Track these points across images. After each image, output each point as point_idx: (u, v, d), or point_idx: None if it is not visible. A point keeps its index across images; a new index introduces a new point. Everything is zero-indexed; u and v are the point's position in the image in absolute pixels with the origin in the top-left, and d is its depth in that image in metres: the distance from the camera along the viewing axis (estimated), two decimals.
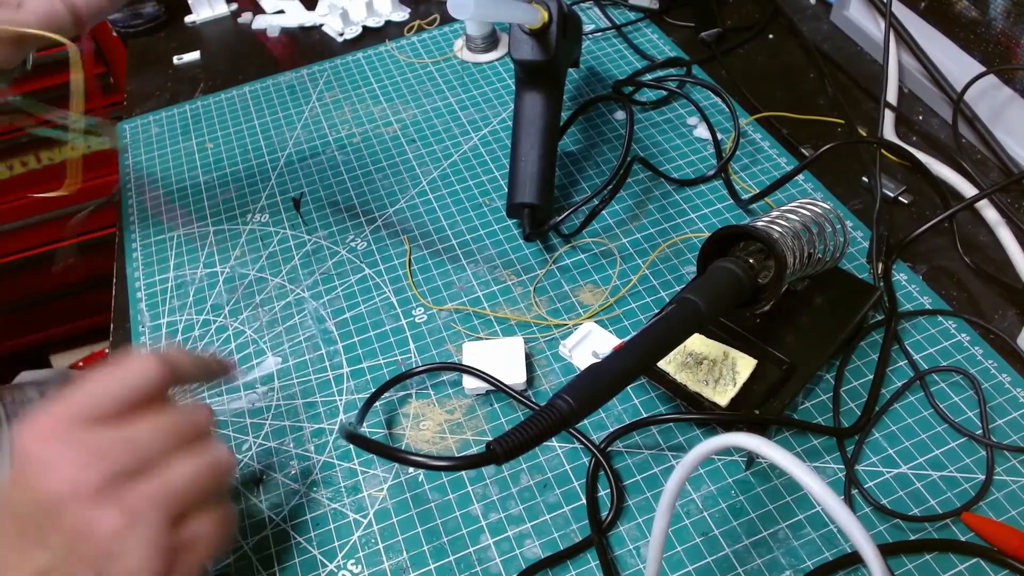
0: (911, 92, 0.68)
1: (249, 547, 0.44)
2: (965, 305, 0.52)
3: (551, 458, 0.46)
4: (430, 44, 0.78)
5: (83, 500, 0.32)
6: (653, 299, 0.54)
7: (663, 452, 0.46)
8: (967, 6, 0.61)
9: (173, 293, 0.58)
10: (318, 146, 0.68)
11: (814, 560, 0.41)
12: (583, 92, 0.71)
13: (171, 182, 0.67)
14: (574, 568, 0.42)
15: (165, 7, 0.86)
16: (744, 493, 0.44)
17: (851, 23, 0.74)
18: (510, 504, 0.44)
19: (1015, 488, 0.43)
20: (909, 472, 0.44)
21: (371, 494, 0.45)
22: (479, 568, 0.42)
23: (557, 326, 0.53)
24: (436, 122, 0.69)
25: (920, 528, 0.42)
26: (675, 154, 0.64)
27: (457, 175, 0.64)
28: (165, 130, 0.72)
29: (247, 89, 0.75)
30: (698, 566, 0.41)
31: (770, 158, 0.63)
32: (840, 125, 0.65)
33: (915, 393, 0.47)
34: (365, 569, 0.42)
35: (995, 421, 0.45)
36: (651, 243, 0.57)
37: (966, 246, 0.55)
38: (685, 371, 0.46)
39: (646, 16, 0.78)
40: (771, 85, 0.70)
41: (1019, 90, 0.59)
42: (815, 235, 0.46)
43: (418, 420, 0.49)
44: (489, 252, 0.58)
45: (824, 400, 0.47)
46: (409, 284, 0.56)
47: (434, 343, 0.53)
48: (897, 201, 0.59)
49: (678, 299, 0.40)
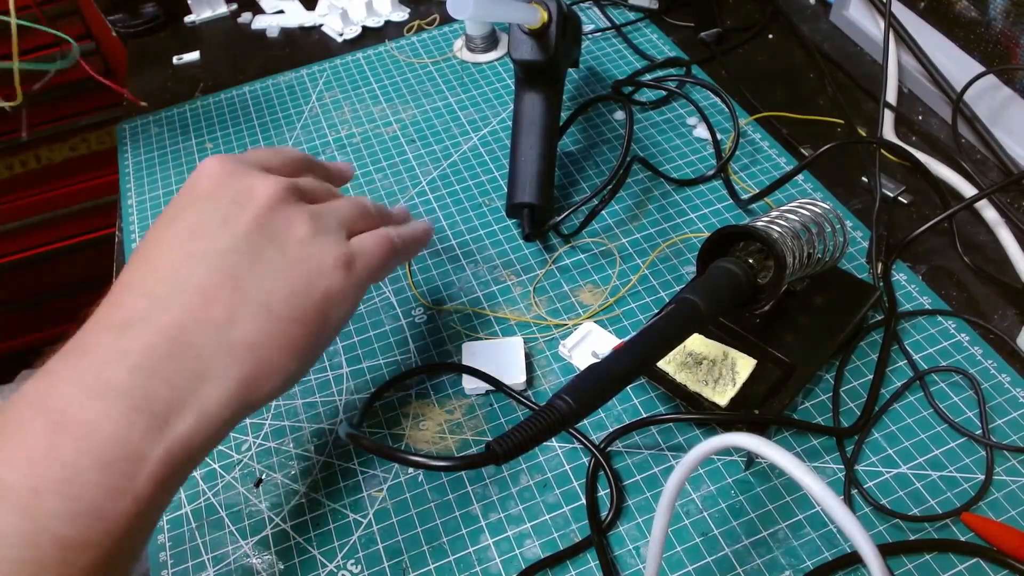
0: (911, 92, 0.68)
1: (249, 547, 0.44)
2: (965, 305, 0.52)
3: (551, 458, 0.46)
4: (430, 44, 0.78)
5: (279, 195, 0.36)
6: (653, 299, 0.54)
7: (663, 452, 0.46)
8: (967, 6, 0.61)
9: None
10: (318, 146, 0.68)
11: (814, 560, 0.41)
12: (583, 92, 0.71)
13: (171, 182, 0.67)
14: (574, 568, 0.42)
15: (165, 7, 0.86)
16: (744, 493, 0.44)
17: (851, 23, 0.74)
18: (510, 504, 0.44)
19: (1015, 488, 0.43)
20: (909, 472, 0.44)
21: (371, 494, 0.45)
22: (479, 568, 0.42)
23: (557, 326, 0.53)
24: (436, 122, 0.69)
25: (920, 528, 0.42)
26: (675, 154, 0.64)
27: (457, 175, 0.64)
28: (165, 130, 0.72)
29: (247, 89, 0.75)
30: (698, 566, 0.41)
31: (770, 158, 0.63)
32: (840, 125, 0.65)
33: (915, 393, 0.47)
34: (365, 569, 0.42)
35: (995, 421, 0.45)
36: (651, 243, 0.57)
37: (966, 246, 0.55)
38: (685, 371, 0.46)
39: (646, 16, 0.78)
40: (771, 85, 0.70)
41: (1019, 90, 0.59)
42: (815, 235, 0.46)
43: (418, 420, 0.49)
44: (489, 252, 0.58)
45: (824, 400, 0.47)
46: (409, 284, 0.56)
47: (434, 343, 0.53)
48: (897, 201, 0.59)
49: (678, 299, 0.40)
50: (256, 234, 0.34)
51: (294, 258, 0.35)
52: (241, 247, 0.34)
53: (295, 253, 0.35)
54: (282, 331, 0.33)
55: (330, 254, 0.36)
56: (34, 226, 1.23)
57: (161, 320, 0.31)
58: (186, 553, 0.44)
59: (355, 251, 0.37)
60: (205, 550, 0.44)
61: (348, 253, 0.37)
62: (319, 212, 0.37)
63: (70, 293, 1.31)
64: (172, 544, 0.44)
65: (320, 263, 0.35)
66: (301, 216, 0.36)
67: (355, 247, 0.38)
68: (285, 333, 0.34)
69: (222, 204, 0.35)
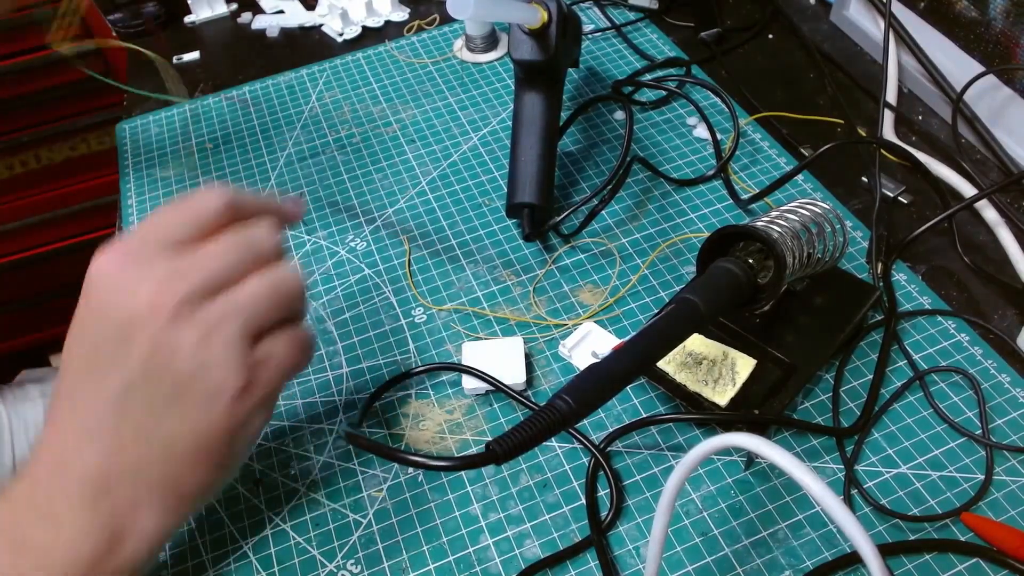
0: (911, 92, 0.68)
1: (249, 547, 0.44)
2: (964, 305, 0.52)
3: (551, 458, 0.46)
4: (430, 44, 0.78)
5: (161, 319, 0.33)
6: (653, 299, 0.54)
7: (663, 452, 0.46)
8: (967, 6, 0.61)
9: None
10: (318, 146, 0.68)
11: (813, 560, 0.41)
12: (583, 92, 0.71)
13: (171, 182, 0.67)
14: (573, 568, 0.42)
15: (165, 7, 0.86)
16: (743, 493, 0.44)
17: (851, 23, 0.74)
18: (510, 504, 0.44)
19: (1015, 488, 0.43)
20: (909, 472, 0.44)
21: (371, 494, 0.45)
22: (479, 568, 0.42)
23: (557, 326, 0.53)
24: (436, 122, 0.69)
25: (920, 528, 0.42)
26: (675, 154, 0.64)
27: (457, 175, 0.64)
28: (165, 130, 0.72)
29: (247, 89, 0.75)
30: (698, 566, 0.41)
31: (770, 158, 0.63)
32: (840, 125, 0.65)
33: (915, 393, 0.47)
34: (365, 569, 0.42)
35: (995, 421, 0.45)
36: (651, 243, 0.57)
37: (965, 246, 0.55)
38: (685, 371, 0.46)
39: (646, 16, 0.78)
40: (771, 85, 0.70)
41: (1019, 90, 0.59)
42: (815, 235, 0.46)
43: (418, 420, 0.49)
44: (489, 252, 0.58)
45: (824, 400, 0.47)
46: (409, 284, 0.56)
47: (434, 343, 0.53)
48: (897, 201, 0.59)
49: (678, 299, 0.40)
50: (145, 374, 0.33)
51: (189, 394, 0.33)
52: (137, 385, 0.33)
53: (189, 387, 0.33)
54: (191, 466, 0.35)
55: (227, 380, 0.34)
56: (34, 226, 1.23)
57: (88, 462, 0.34)
58: (186, 553, 0.44)
59: (260, 360, 0.35)
60: (205, 550, 0.44)
61: (248, 374, 0.34)
62: (216, 325, 0.33)
63: (70, 293, 1.30)
64: (172, 544, 0.44)
65: (217, 393, 0.34)
66: (191, 340, 0.33)
67: (261, 355, 0.35)
68: (195, 465, 0.35)
69: (109, 332, 0.34)
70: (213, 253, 0.35)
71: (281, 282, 0.36)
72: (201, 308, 0.33)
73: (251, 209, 0.38)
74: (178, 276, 0.34)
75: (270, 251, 0.37)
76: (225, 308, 0.34)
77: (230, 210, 0.36)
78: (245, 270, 0.35)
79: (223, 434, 0.34)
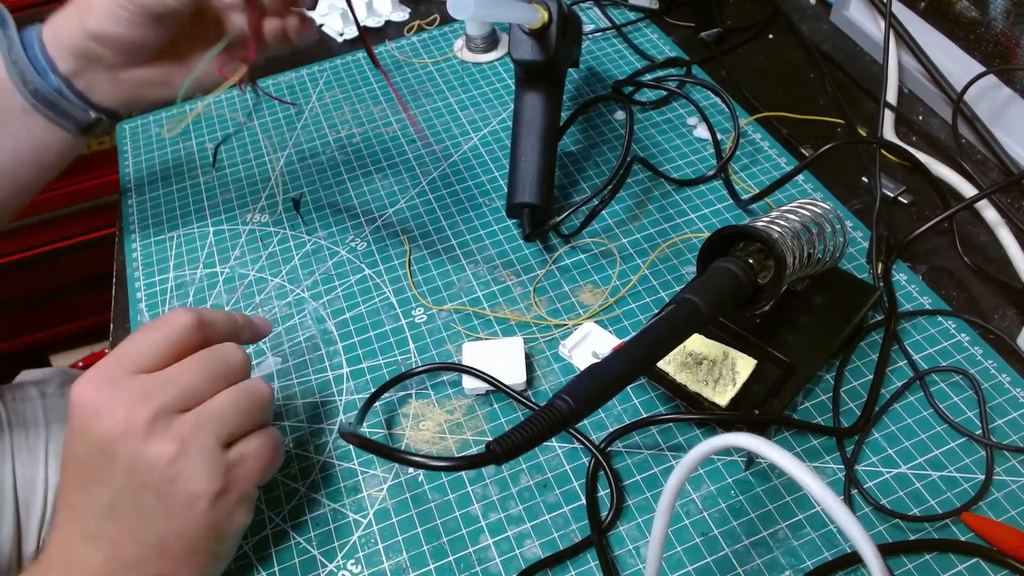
0: (911, 92, 0.68)
1: (249, 547, 0.44)
2: (965, 305, 0.52)
3: (551, 458, 0.46)
4: (430, 44, 0.78)
5: (136, 435, 0.36)
6: (653, 299, 0.54)
7: (663, 452, 0.46)
8: (967, 6, 0.61)
9: (173, 293, 0.58)
10: (318, 146, 0.68)
11: (814, 560, 0.41)
12: (583, 92, 0.71)
13: (171, 182, 0.67)
14: (574, 568, 0.42)
15: None
16: (744, 493, 0.44)
17: (851, 23, 0.74)
18: (510, 504, 0.44)
19: (1015, 488, 0.43)
20: (909, 472, 0.44)
21: (371, 494, 0.45)
22: (479, 568, 0.42)
23: (557, 326, 0.53)
24: (436, 122, 0.69)
25: (920, 528, 0.42)
26: (675, 154, 0.64)
27: (457, 175, 0.64)
28: (165, 130, 0.72)
29: (247, 89, 0.75)
30: (698, 566, 0.41)
31: (770, 158, 0.63)
32: (840, 125, 0.65)
33: (915, 393, 0.47)
34: (365, 569, 0.42)
35: (995, 421, 0.45)
36: (651, 243, 0.57)
37: (966, 246, 0.55)
38: (685, 371, 0.46)
39: (646, 16, 0.78)
40: (771, 85, 0.70)
41: (1019, 90, 0.59)
42: (815, 235, 0.46)
43: (418, 420, 0.49)
44: (489, 252, 0.58)
45: (824, 400, 0.47)
46: (409, 284, 0.56)
47: (434, 343, 0.53)
48: (897, 201, 0.59)
49: (678, 299, 0.40)
50: (130, 486, 0.36)
51: (171, 499, 0.36)
52: (123, 497, 0.37)
53: (170, 493, 0.36)
54: (183, 561, 0.38)
55: (204, 485, 0.37)
56: (34, 226, 1.23)
57: (94, 560, 0.37)
58: None
59: (235, 462, 0.38)
60: None
61: (224, 477, 0.37)
62: (190, 435, 0.37)
63: (70, 293, 1.31)
64: None
65: (197, 497, 0.37)
66: (168, 451, 0.36)
67: (234, 457, 0.38)
68: (187, 559, 0.38)
69: (93, 451, 0.37)
70: (184, 370, 0.38)
71: (250, 390, 0.40)
72: (175, 421, 0.37)
73: (220, 326, 0.41)
74: (150, 393, 0.37)
75: (237, 366, 0.40)
76: (198, 419, 0.37)
77: (200, 329, 0.40)
78: (216, 384, 0.39)
79: (207, 532, 0.37)
